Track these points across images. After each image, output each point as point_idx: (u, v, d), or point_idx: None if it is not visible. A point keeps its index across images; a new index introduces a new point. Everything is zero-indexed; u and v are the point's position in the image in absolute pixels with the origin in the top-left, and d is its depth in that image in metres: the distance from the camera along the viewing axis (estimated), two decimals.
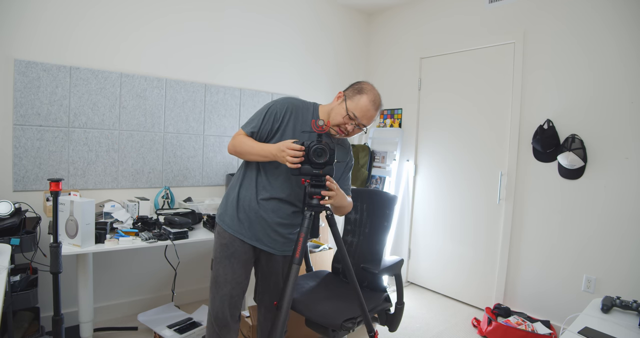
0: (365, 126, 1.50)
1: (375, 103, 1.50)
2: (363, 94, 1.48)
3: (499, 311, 2.59)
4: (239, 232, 1.53)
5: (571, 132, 2.41)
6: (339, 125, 1.49)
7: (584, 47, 2.40)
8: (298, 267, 1.34)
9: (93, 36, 2.35)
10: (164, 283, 2.69)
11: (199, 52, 2.77)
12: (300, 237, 1.35)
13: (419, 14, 3.40)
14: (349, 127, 1.48)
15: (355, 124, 1.48)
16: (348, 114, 1.47)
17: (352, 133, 1.51)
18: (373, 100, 1.49)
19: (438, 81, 3.26)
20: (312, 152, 1.31)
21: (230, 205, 1.55)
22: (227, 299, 1.53)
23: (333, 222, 1.43)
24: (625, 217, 2.24)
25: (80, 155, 2.35)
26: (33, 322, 1.96)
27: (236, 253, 1.53)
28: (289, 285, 1.32)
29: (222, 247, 1.55)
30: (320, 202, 1.35)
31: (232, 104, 2.95)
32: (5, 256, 1.44)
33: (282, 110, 1.49)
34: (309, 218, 1.36)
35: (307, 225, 1.36)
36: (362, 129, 1.51)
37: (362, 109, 1.47)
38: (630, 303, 1.41)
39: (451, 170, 3.16)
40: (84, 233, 1.80)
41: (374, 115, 1.51)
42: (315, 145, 1.31)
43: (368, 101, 1.47)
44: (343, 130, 1.50)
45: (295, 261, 1.34)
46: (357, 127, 1.49)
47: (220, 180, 2.93)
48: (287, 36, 3.24)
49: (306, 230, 1.35)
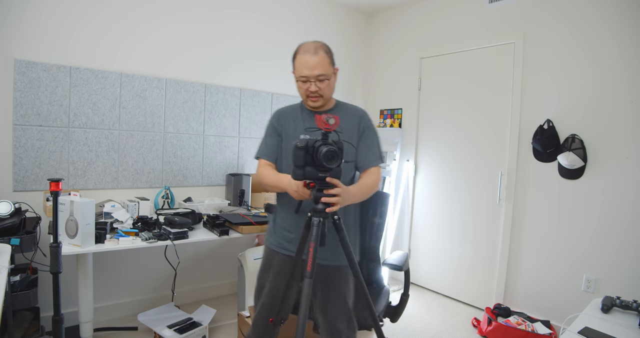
0: (320, 75, 1.40)
1: (308, 50, 1.42)
2: (296, 55, 1.46)
3: (499, 311, 2.59)
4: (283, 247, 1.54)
5: (571, 132, 2.41)
6: (305, 95, 1.45)
7: (583, 47, 2.40)
8: (311, 281, 1.20)
9: (93, 36, 2.35)
10: (164, 283, 2.69)
11: (199, 52, 2.76)
12: (310, 248, 1.21)
13: (419, 14, 3.40)
14: (312, 87, 1.42)
15: (311, 81, 1.41)
16: (298, 80, 1.44)
17: (321, 90, 1.42)
18: (305, 50, 1.43)
19: (438, 81, 3.26)
20: (323, 156, 1.17)
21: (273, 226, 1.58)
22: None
23: (340, 228, 1.29)
24: (625, 216, 2.24)
25: (80, 155, 2.35)
26: (33, 322, 1.96)
27: (273, 266, 1.55)
28: (303, 299, 1.18)
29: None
30: (326, 210, 1.23)
31: (232, 104, 2.95)
32: (5, 256, 1.45)
33: (276, 120, 1.56)
34: (317, 226, 1.22)
35: (316, 233, 1.22)
36: (323, 79, 1.41)
37: (302, 64, 1.42)
38: (630, 303, 1.41)
39: (451, 170, 3.16)
40: (84, 233, 1.80)
41: (315, 59, 1.40)
42: (325, 148, 1.18)
43: (301, 54, 1.43)
44: (311, 95, 1.44)
45: (307, 274, 1.19)
46: (318, 81, 1.41)
47: (220, 180, 2.93)
48: (287, 36, 3.23)
49: (315, 238, 1.22)
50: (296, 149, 1.22)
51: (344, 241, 1.30)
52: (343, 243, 1.31)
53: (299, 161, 1.22)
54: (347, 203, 1.34)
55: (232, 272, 3.01)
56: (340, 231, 1.29)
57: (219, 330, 2.43)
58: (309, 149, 1.21)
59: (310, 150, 1.21)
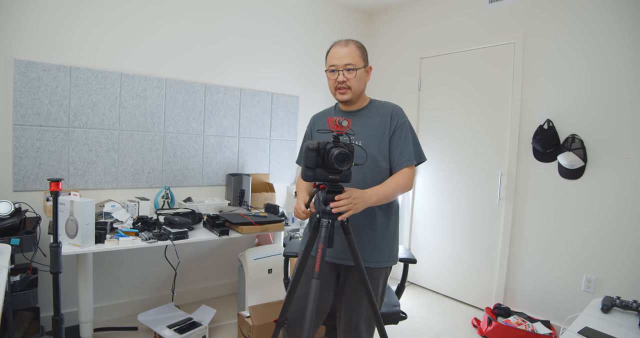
0: (348, 64, 1.41)
1: (340, 42, 1.46)
2: (329, 51, 1.50)
3: (499, 311, 2.59)
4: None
5: (571, 132, 2.41)
6: (335, 87, 1.46)
7: (584, 48, 2.39)
8: (318, 282, 1.20)
9: (94, 37, 2.35)
10: (164, 283, 2.69)
11: (199, 53, 2.76)
12: (319, 249, 1.22)
13: (419, 14, 3.40)
14: (340, 77, 1.42)
15: (339, 70, 1.42)
16: (327, 71, 1.47)
17: (348, 80, 1.42)
18: (337, 43, 1.47)
19: (438, 81, 3.26)
20: (335, 158, 1.16)
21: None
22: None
23: (348, 230, 1.28)
24: (625, 217, 2.24)
25: (80, 155, 2.35)
26: (33, 322, 1.96)
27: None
28: (310, 300, 1.19)
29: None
30: (338, 218, 1.23)
31: (232, 104, 2.95)
32: (5, 256, 1.44)
33: (310, 125, 1.64)
34: (326, 227, 1.23)
35: (325, 234, 1.23)
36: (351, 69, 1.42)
37: (332, 55, 1.45)
38: (630, 303, 1.41)
39: (451, 170, 3.16)
40: (84, 233, 1.80)
41: (345, 50, 1.42)
42: (337, 151, 1.17)
43: (333, 47, 1.47)
44: (339, 86, 1.45)
45: (315, 275, 1.20)
46: (346, 71, 1.42)
47: (220, 180, 2.93)
48: (286, 37, 3.24)
49: (324, 240, 1.23)
50: (307, 151, 1.22)
51: (351, 243, 1.29)
52: (350, 246, 1.29)
53: (310, 163, 1.22)
54: (369, 206, 1.31)
55: (232, 272, 3.01)
56: (347, 234, 1.28)
57: (219, 330, 2.43)
58: (320, 151, 1.21)
59: (321, 152, 1.21)
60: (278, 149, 3.25)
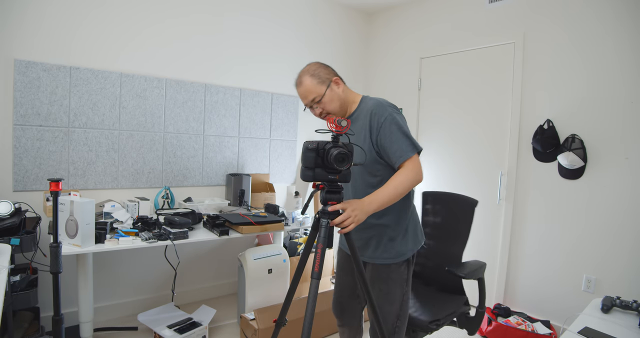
0: (312, 99, 1.47)
1: (296, 83, 1.52)
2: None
3: (499, 311, 2.59)
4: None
5: (571, 132, 2.41)
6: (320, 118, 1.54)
7: (584, 47, 2.39)
8: (317, 282, 1.19)
9: (97, 37, 2.35)
10: (164, 283, 2.69)
11: (199, 54, 2.77)
12: (319, 249, 1.21)
13: (419, 14, 3.40)
14: (315, 112, 1.51)
15: (312, 106, 1.50)
16: (305, 109, 1.56)
17: (324, 110, 1.48)
18: (296, 84, 1.52)
19: (438, 81, 3.26)
20: (334, 158, 1.16)
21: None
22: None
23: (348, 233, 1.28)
24: (625, 216, 2.24)
25: (80, 155, 2.35)
26: (33, 322, 1.96)
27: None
28: (309, 299, 1.18)
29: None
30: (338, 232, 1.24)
31: (232, 104, 2.95)
32: (5, 256, 1.44)
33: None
34: (325, 227, 1.22)
35: (324, 234, 1.22)
36: (318, 100, 1.47)
37: (299, 96, 1.52)
38: (630, 303, 1.41)
39: (451, 169, 3.16)
40: (84, 233, 1.80)
41: (302, 88, 1.48)
42: (336, 151, 1.17)
43: (297, 89, 1.52)
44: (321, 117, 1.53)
45: (314, 275, 1.18)
46: (316, 103, 1.49)
47: (220, 180, 2.93)
48: (286, 38, 3.24)
49: (324, 240, 1.21)
50: (306, 151, 1.22)
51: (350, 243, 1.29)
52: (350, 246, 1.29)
53: (309, 163, 1.22)
54: (371, 213, 1.30)
55: (232, 272, 3.01)
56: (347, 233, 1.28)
57: (219, 330, 2.43)
58: (319, 151, 1.21)
59: (320, 152, 1.21)
60: (278, 149, 3.25)
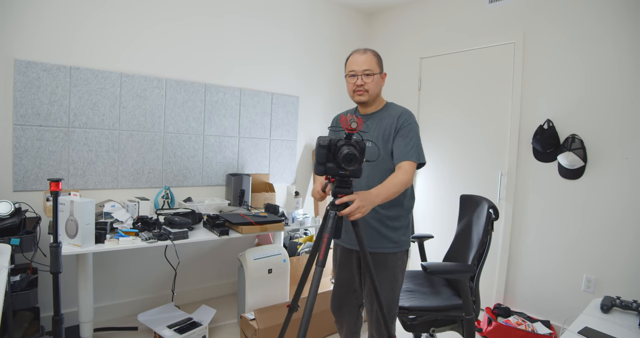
0: (366, 69, 1.53)
1: (359, 51, 1.57)
2: (348, 58, 1.61)
3: (499, 311, 2.59)
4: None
5: (571, 132, 2.41)
6: (354, 90, 1.57)
7: (584, 47, 2.39)
8: (321, 270, 1.26)
9: (96, 38, 2.35)
10: (164, 283, 2.69)
11: (200, 54, 2.77)
12: (324, 238, 1.29)
13: (419, 13, 3.40)
14: (358, 81, 1.54)
15: (358, 75, 1.54)
16: (347, 76, 1.58)
17: (366, 83, 1.53)
18: (356, 51, 1.58)
19: (438, 81, 3.26)
20: (342, 158, 1.21)
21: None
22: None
23: (356, 223, 1.36)
24: (625, 216, 2.24)
25: (80, 155, 2.35)
26: (33, 322, 1.96)
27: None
28: (312, 286, 1.25)
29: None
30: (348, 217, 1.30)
31: (232, 104, 2.95)
32: (5, 256, 1.44)
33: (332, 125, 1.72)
34: (332, 218, 1.30)
35: (332, 225, 1.30)
36: (369, 74, 1.53)
37: (351, 62, 1.57)
38: (630, 303, 1.41)
39: (451, 170, 3.16)
40: (84, 233, 1.80)
41: (364, 57, 1.55)
42: (346, 150, 1.21)
43: (352, 55, 1.59)
44: (357, 89, 1.55)
45: (319, 263, 1.27)
46: (364, 76, 1.53)
47: (220, 180, 2.93)
48: (286, 38, 3.23)
49: (330, 230, 1.30)
50: (319, 147, 1.30)
51: (358, 235, 1.37)
52: (357, 237, 1.37)
53: (321, 158, 1.30)
54: (376, 205, 1.37)
55: (232, 272, 3.01)
56: (355, 225, 1.36)
57: (218, 330, 2.43)
58: (331, 148, 1.28)
59: (332, 148, 1.28)
60: (278, 149, 3.25)
